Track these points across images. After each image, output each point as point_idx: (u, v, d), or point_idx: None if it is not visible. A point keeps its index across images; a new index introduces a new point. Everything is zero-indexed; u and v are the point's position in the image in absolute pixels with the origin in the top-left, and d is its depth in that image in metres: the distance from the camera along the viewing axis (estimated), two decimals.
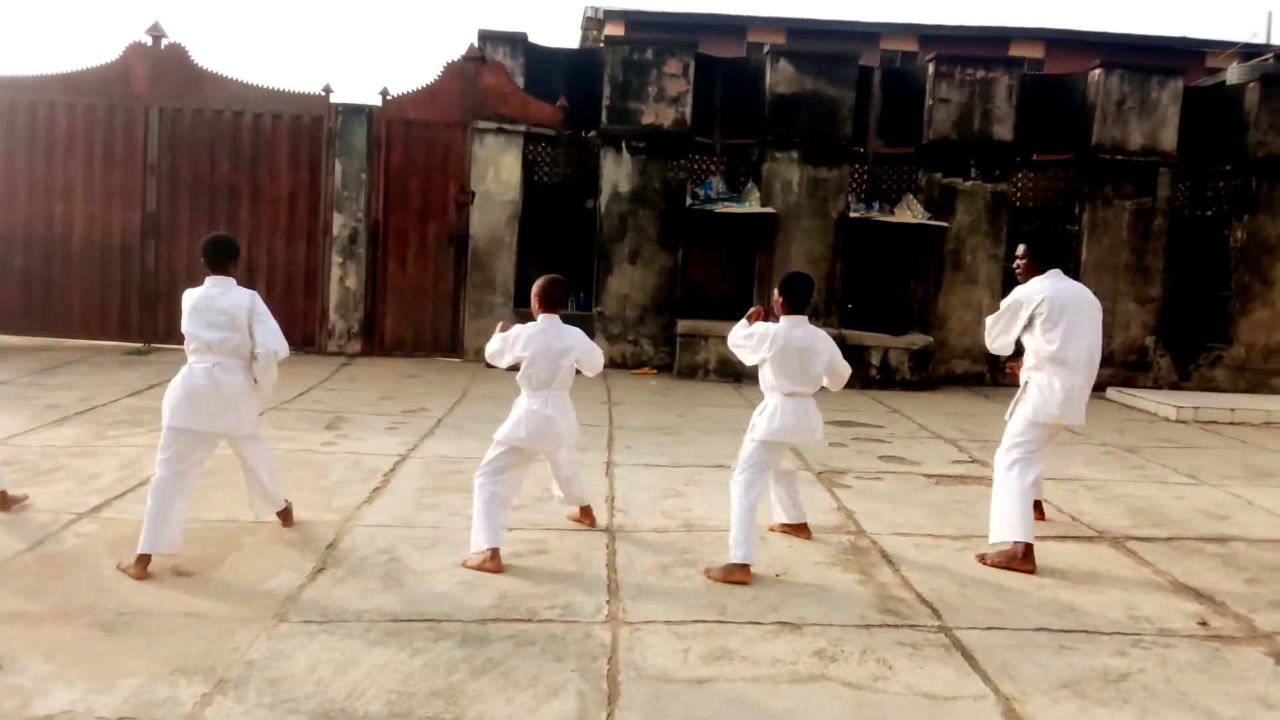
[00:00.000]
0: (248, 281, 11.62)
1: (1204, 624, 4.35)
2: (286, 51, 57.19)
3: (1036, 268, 5.43)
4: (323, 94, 11.81)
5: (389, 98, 11.87)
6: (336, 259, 11.90)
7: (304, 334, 11.93)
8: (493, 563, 4.65)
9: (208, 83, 11.76)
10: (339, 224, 11.88)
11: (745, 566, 4.68)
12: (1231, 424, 9.92)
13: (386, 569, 4.64)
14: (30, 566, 4.50)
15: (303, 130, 11.86)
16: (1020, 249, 5.57)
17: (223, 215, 11.81)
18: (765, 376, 5.14)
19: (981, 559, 5.08)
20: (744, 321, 5.25)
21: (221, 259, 4.85)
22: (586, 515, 5.48)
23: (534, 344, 4.97)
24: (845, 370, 5.22)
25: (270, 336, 4.80)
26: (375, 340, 11.99)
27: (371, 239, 11.93)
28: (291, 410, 8.45)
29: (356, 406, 8.68)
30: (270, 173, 11.86)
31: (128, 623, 3.91)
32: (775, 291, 5.24)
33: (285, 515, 5.18)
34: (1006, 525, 5.06)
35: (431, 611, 4.14)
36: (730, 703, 3.45)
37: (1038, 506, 5.58)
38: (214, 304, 4.73)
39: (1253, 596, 4.74)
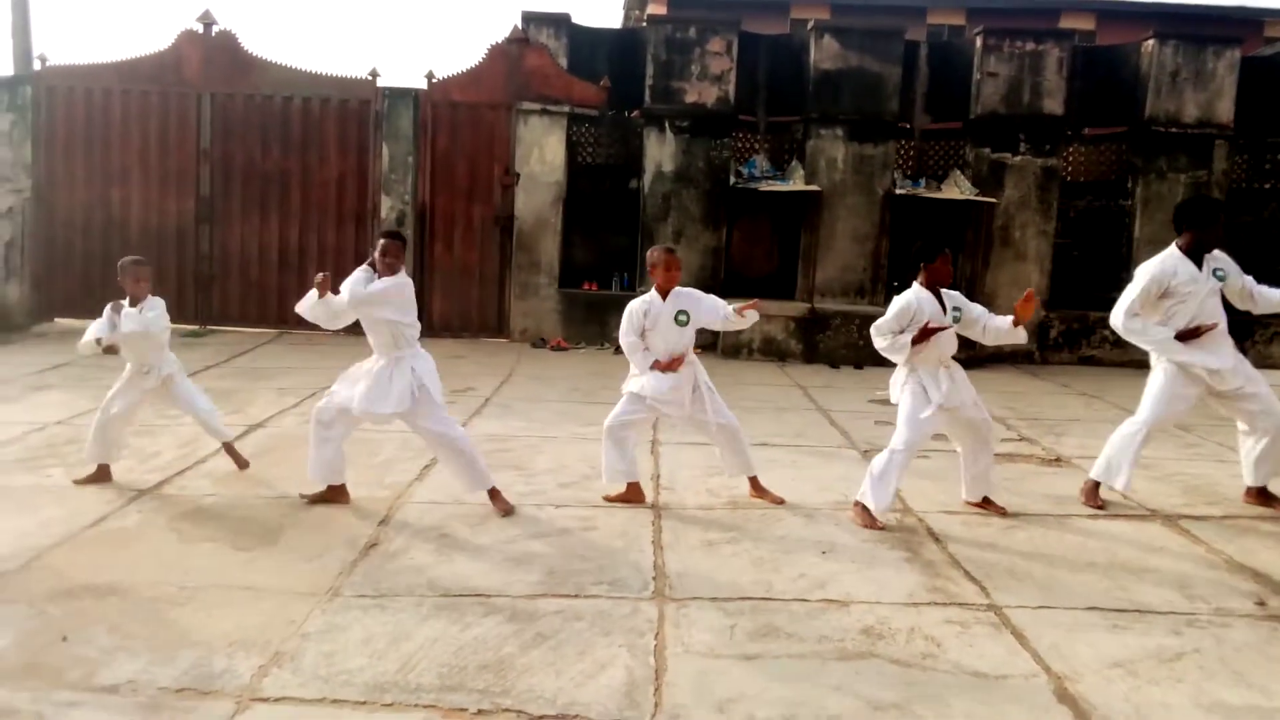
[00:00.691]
0: (298, 265, 11.92)
1: (1261, 603, 4.27)
2: (333, 36, 57.69)
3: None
4: (369, 78, 11.93)
5: (434, 80, 11.95)
6: None
7: None
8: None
9: (257, 69, 11.93)
10: (386, 207, 12.01)
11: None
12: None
13: (437, 544, 4.72)
14: (96, 541, 4.66)
15: (350, 114, 11.99)
16: None
17: (274, 200, 12.02)
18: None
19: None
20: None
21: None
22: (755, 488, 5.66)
23: None
24: None
25: None
26: (423, 321, 12.00)
27: (419, 221, 12.05)
28: None
29: None
30: (319, 157, 12.02)
31: (189, 596, 4.03)
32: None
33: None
34: None
35: (481, 587, 4.21)
36: (776, 679, 3.47)
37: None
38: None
39: None
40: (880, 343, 5.36)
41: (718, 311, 5.51)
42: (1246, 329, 11.93)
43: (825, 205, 11.91)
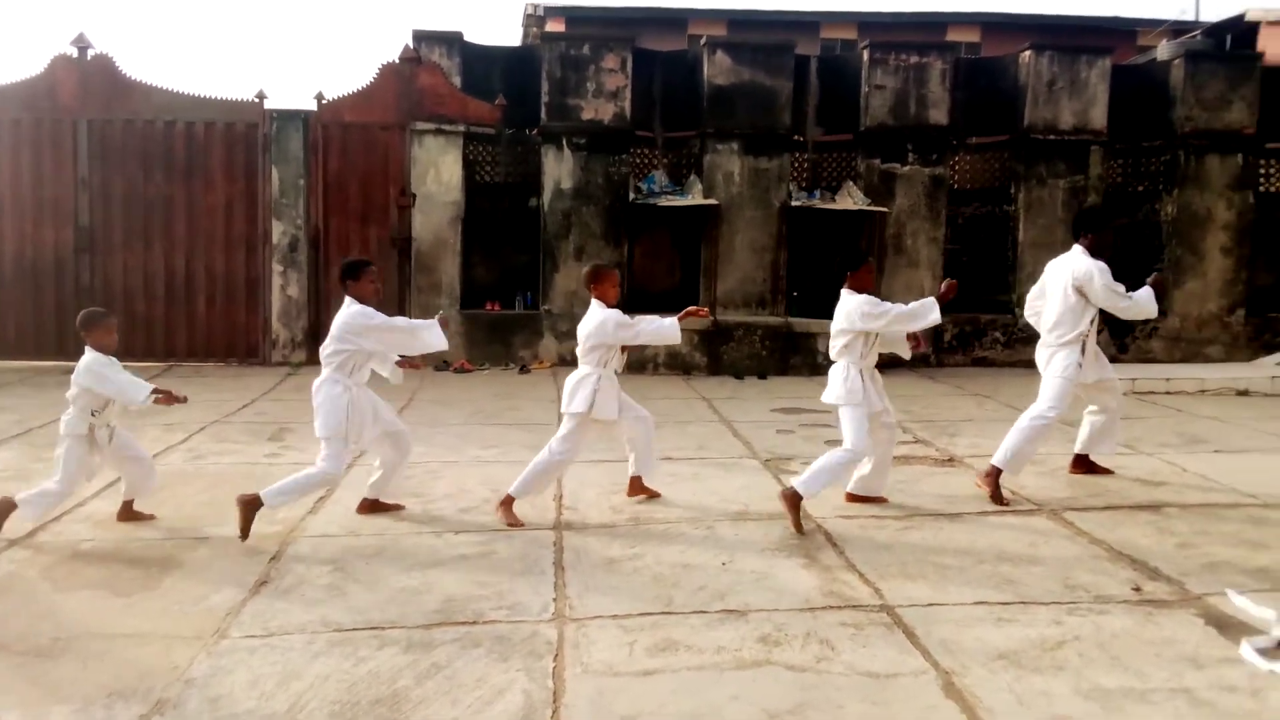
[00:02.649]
0: (185, 295, 11.54)
1: (1137, 589, 4.46)
2: (218, 59, 56.18)
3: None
4: (256, 100, 11.65)
5: (324, 101, 11.73)
6: (277, 267, 11.75)
7: (247, 345, 11.80)
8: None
9: (137, 93, 11.54)
10: (278, 232, 11.73)
11: None
12: (1167, 394, 10.18)
13: (331, 579, 4.60)
14: None
15: (237, 138, 11.69)
16: None
17: (158, 228, 11.63)
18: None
19: None
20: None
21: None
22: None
23: None
24: None
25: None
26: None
27: (312, 246, 11.80)
28: (234, 423, 8.33)
29: (302, 416, 8.53)
30: (205, 182, 11.68)
31: (64, 647, 3.84)
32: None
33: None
34: None
35: (376, 619, 4.12)
36: (675, 693, 3.47)
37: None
38: None
39: (1184, 560, 4.87)
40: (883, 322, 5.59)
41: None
42: (1127, 326, 12.52)
43: (724, 219, 12.08)
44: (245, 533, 5.04)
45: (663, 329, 5.67)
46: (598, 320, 5.60)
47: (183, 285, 11.65)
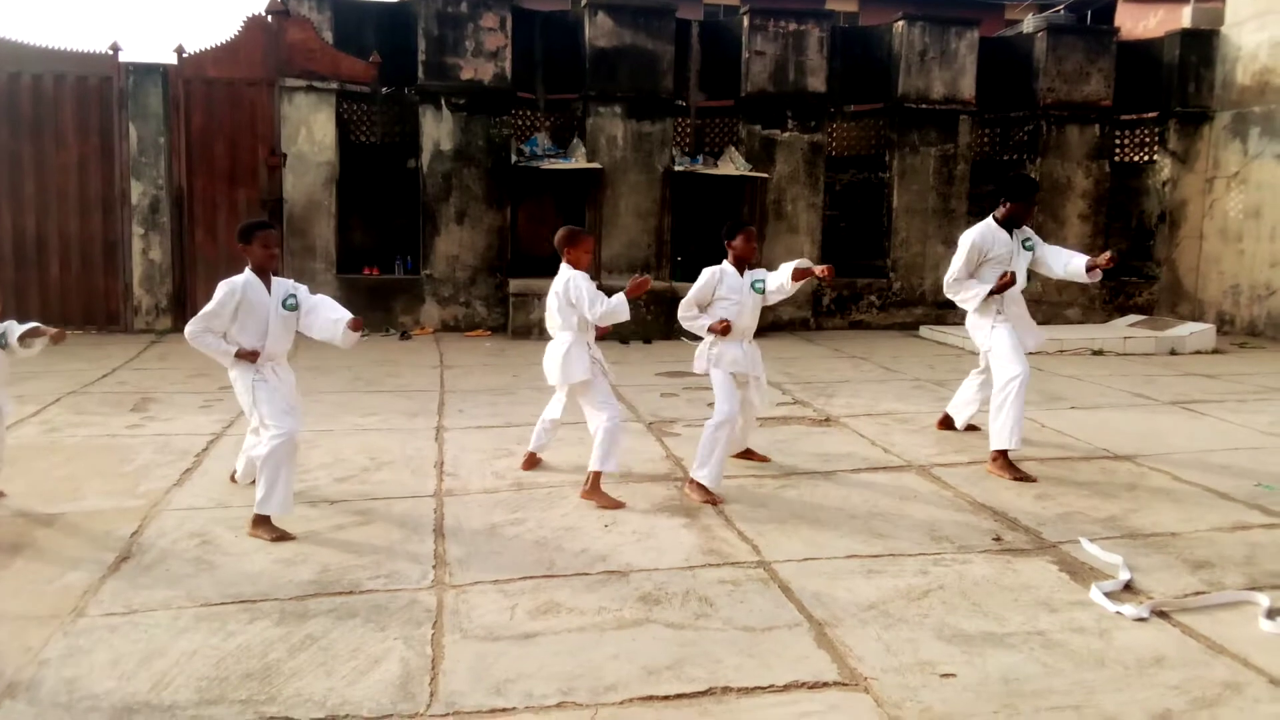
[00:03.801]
0: (37, 259, 10.83)
1: (998, 539, 4.70)
2: (69, 8, 52.49)
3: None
4: (110, 52, 10.95)
5: (186, 55, 11.11)
6: (138, 230, 11.14)
7: (107, 312, 11.18)
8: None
9: None
10: (138, 192, 11.10)
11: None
12: (1029, 354, 10.63)
13: (198, 553, 4.42)
14: None
15: (90, 92, 10.97)
16: None
17: (3, 187, 10.84)
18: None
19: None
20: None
21: None
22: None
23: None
24: None
25: None
26: (187, 314, 11.21)
27: (176, 207, 11.22)
28: (93, 393, 7.90)
29: (166, 385, 8.20)
30: (56, 139, 10.94)
31: None
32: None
33: None
34: None
35: (247, 592, 3.98)
36: (556, 655, 3.48)
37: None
38: None
39: (1041, 511, 5.14)
40: (682, 315, 5.61)
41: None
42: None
43: (607, 183, 12.03)
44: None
45: (615, 308, 5.29)
46: (565, 279, 5.35)
47: (33, 248, 10.93)
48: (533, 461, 5.90)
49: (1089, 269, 5.98)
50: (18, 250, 10.91)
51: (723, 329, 5.45)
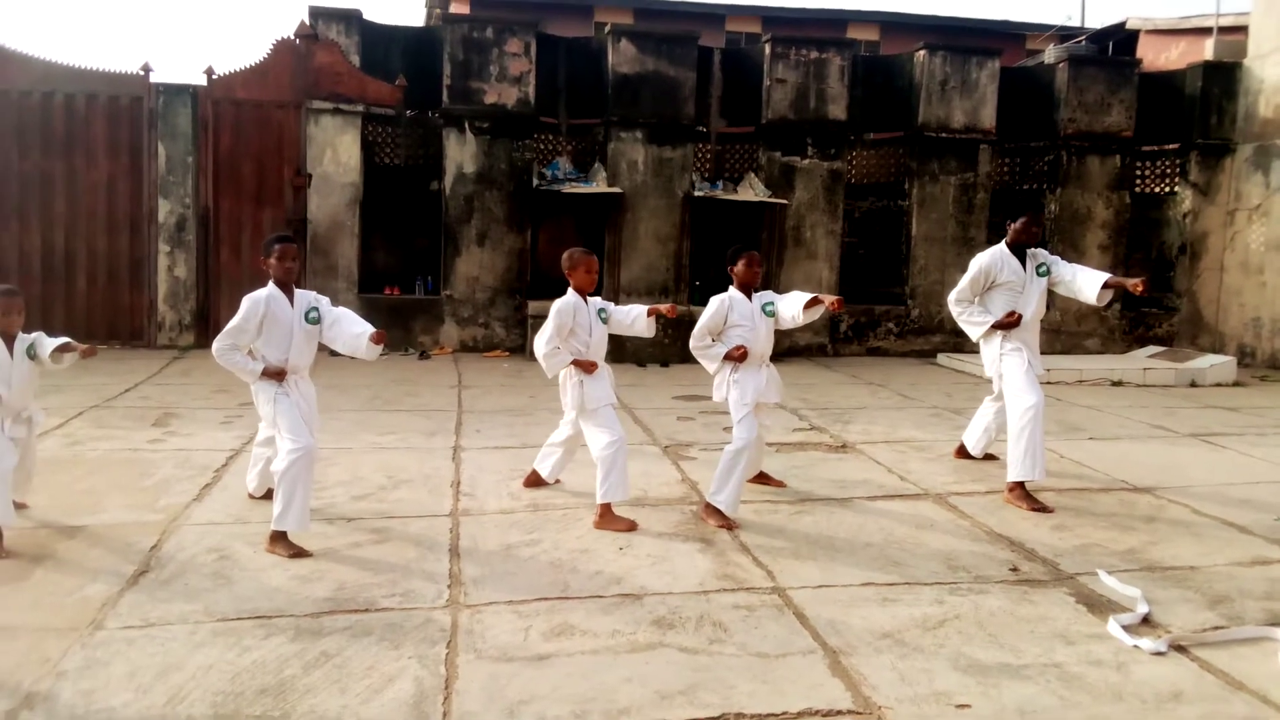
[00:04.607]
0: (65, 274, 10.99)
1: (1015, 570, 4.67)
2: (101, 29, 53.50)
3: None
4: (141, 73, 11.15)
5: (215, 77, 11.30)
6: (164, 248, 11.29)
7: (131, 327, 11.33)
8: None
9: (14, 63, 10.92)
10: (165, 211, 11.26)
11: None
12: (1047, 383, 10.56)
13: (216, 568, 4.46)
14: None
15: (121, 112, 11.17)
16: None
17: (35, 205, 11.04)
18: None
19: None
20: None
21: None
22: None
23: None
24: None
25: None
26: (209, 331, 11.41)
27: (202, 226, 11.37)
28: (116, 407, 7.99)
29: (188, 401, 8.28)
30: (87, 158, 11.13)
31: None
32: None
33: None
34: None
35: (263, 608, 4.01)
36: (569, 677, 3.48)
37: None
38: None
39: (1059, 542, 5.11)
40: (694, 345, 5.62)
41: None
42: None
43: (628, 207, 12.10)
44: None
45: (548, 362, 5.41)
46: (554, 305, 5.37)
47: (62, 264, 11.09)
48: (534, 479, 5.90)
49: (1110, 285, 5.91)
50: (46, 265, 11.07)
51: (740, 355, 5.46)
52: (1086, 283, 5.99)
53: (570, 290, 5.42)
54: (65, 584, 4.23)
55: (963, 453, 6.88)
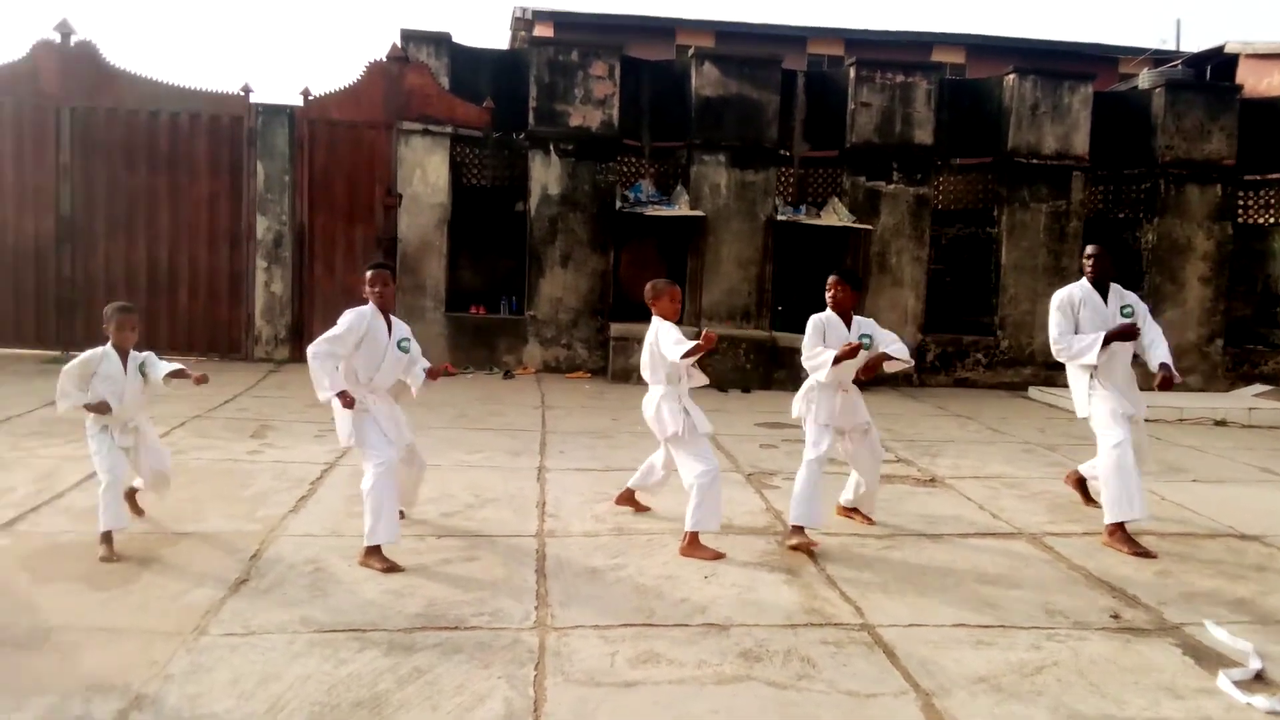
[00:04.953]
0: (169, 288, 11.42)
1: (1116, 616, 4.51)
2: (203, 50, 55.76)
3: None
4: (241, 93, 11.58)
5: (311, 98, 11.67)
6: (261, 263, 11.67)
7: (230, 340, 11.71)
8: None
9: (121, 82, 11.43)
10: (263, 227, 11.65)
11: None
12: (1146, 421, 10.22)
13: (312, 579, 4.57)
14: None
15: (222, 130, 11.60)
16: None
17: (141, 219, 11.53)
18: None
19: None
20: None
21: None
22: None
23: None
24: None
25: None
26: (303, 345, 11.68)
27: (297, 242, 11.73)
28: (217, 418, 8.27)
29: (284, 414, 8.52)
30: (189, 174, 11.58)
31: (42, 639, 3.79)
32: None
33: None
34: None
35: (357, 621, 4.09)
36: (655, 705, 3.47)
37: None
38: None
39: (1163, 589, 4.92)
40: (806, 358, 5.57)
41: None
42: None
43: (710, 230, 12.12)
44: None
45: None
46: (654, 330, 5.42)
47: (165, 278, 11.55)
48: (626, 497, 5.91)
49: (1162, 371, 5.63)
50: (151, 279, 11.53)
51: (849, 351, 5.31)
52: (1152, 356, 5.79)
53: (655, 318, 5.44)
54: (171, 589, 4.38)
55: (1079, 485, 6.52)
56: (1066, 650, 4.08)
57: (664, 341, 5.30)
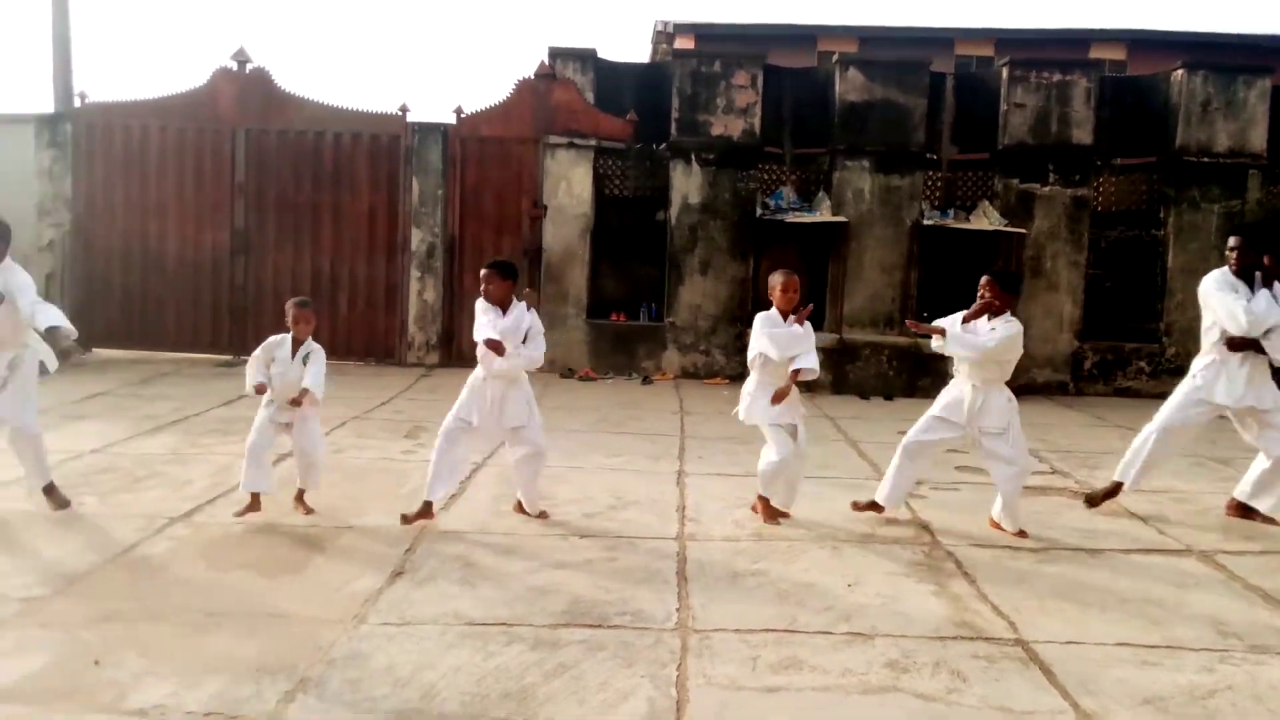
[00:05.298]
0: (330, 296, 12.08)
1: None
2: (362, 72, 58.74)
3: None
4: (399, 113, 12.13)
5: (463, 115, 12.12)
6: (415, 273, 12.19)
7: (385, 346, 12.26)
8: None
9: (290, 105, 12.17)
10: (417, 239, 12.17)
11: None
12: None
13: (463, 574, 4.74)
14: (128, 568, 4.72)
15: (381, 149, 12.18)
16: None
17: (306, 232, 12.22)
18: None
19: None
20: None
21: None
22: None
23: None
24: None
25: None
26: (453, 351, 12.21)
27: (448, 253, 12.19)
28: (374, 419, 8.68)
29: (435, 416, 8.78)
30: (351, 191, 12.21)
31: (217, 623, 4.07)
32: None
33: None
34: None
35: (505, 616, 4.22)
36: (800, 712, 3.44)
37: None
38: None
39: None
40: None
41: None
42: None
43: (853, 236, 11.92)
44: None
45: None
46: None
47: (328, 287, 12.21)
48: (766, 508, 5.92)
49: None
50: (314, 288, 12.18)
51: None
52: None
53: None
54: (333, 579, 4.63)
55: (1239, 510, 6.19)
56: (1242, 674, 3.81)
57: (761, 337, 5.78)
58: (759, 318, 5.79)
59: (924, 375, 11.27)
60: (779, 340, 5.61)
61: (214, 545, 5.08)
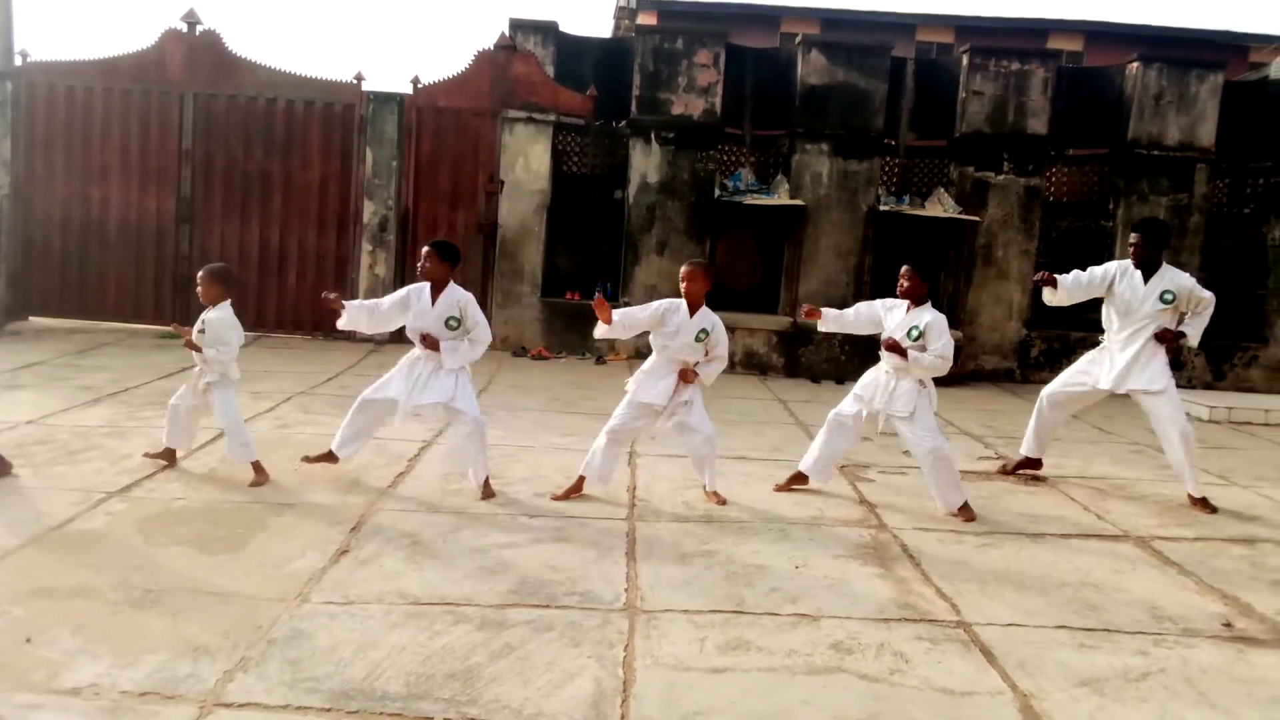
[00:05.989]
0: (278, 268, 11.86)
1: (1228, 625, 4.30)
2: (318, 39, 57.57)
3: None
4: (354, 81, 11.89)
5: (420, 86, 11.92)
6: (366, 246, 12.00)
7: (333, 320, 12.03)
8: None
9: (241, 69, 11.87)
10: (369, 212, 11.97)
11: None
12: (1266, 425, 9.77)
13: (409, 552, 4.68)
14: (62, 543, 4.59)
15: (334, 117, 11.95)
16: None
17: (255, 201, 11.95)
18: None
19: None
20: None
21: None
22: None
23: None
24: None
25: None
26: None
27: (401, 227, 12.01)
28: (320, 395, 8.54)
29: None
30: (302, 160, 11.96)
31: (154, 600, 3.98)
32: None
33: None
34: None
35: (451, 595, 4.18)
36: (745, 693, 3.45)
37: None
38: None
39: (1278, 599, 4.67)
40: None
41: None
42: (1226, 353, 12.08)
43: (809, 220, 11.95)
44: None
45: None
46: None
47: (276, 258, 11.98)
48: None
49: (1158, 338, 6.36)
50: (262, 259, 11.98)
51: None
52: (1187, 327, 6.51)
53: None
54: (275, 557, 4.55)
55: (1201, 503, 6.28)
56: (1174, 658, 3.91)
57: None
58: (664, 304, 6.18)
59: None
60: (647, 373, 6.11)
61: (152, 521, 4.96)
